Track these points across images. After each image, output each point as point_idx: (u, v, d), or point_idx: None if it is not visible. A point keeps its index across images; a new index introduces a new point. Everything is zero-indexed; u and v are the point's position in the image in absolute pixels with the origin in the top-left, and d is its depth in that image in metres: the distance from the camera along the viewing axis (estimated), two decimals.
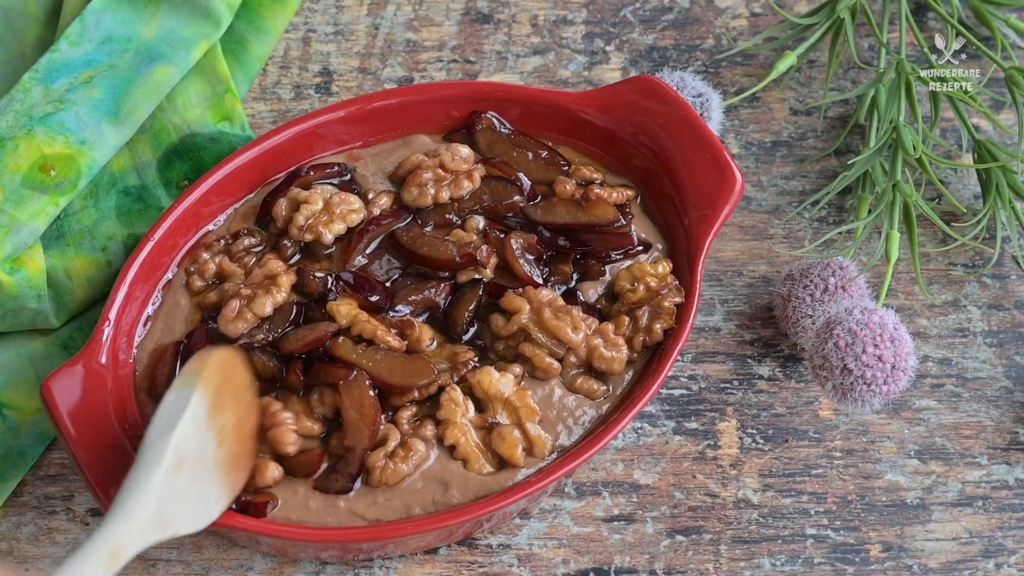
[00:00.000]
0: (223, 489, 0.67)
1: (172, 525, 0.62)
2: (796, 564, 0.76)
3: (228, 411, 0.67)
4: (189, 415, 0.63)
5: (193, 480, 0.63)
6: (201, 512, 0.65)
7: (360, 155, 0.83)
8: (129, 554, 0.59)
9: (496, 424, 0.72)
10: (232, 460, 0.67)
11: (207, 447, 0.65)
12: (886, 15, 0.90)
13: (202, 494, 0.64)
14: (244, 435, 0.69)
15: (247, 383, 0.70)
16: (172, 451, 0.62)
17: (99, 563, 0.57)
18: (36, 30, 0.90)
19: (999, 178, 0.83)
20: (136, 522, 0.60)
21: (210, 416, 0.65)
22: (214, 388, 0.66)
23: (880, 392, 0.74)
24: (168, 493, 0.62)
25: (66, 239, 0.82)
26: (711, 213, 0.77)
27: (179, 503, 0.63)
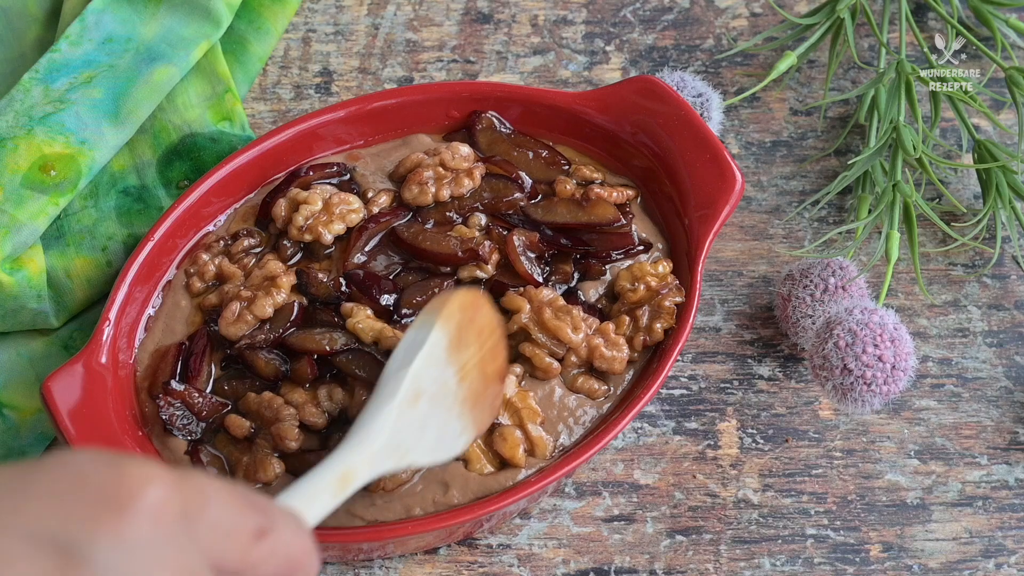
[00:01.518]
0: (465, 425, 0.67)
1: (408, 455, 0.63)
2: (796, 564, 0.76)
3: (471, 349, 0.67)
4: (426, 351, 0.64)
5: (432, 413, 0.64)
6: (441, 445, 0.65)
7: (360, 155, 0.83)
8: (360, 479, 0.60)
9: (497, 425, 0.72)
10: (475, 397, 0.67)
11: (447, 383, 0.65)
12: (886, 15, 0.90)
13: (442, 428, 0.65)
14: (489, 374, 0.68)
15: (492, 323, 0.69)
16: (408, 385, 0.62)
17: (330, 486, 0.58)
18: (36, 30, 0.90)
19: (999, 178, 0.83)
20: (369, 450, 0.60)
21: (450, 353, 0.65)
22: (455, 326, 0.66)
23: (880, 392, 0.74)
24: (403, 425, 0.62)
25: (66, 239, 0.82)
26: (711, 213, 0.77)
27: (416, 435, 0.63)
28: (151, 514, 0.42)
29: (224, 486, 0.46)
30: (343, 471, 0.59)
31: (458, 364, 0.66)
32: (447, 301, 0.66)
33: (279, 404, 0.72)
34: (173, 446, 0.73)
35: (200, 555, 0.44)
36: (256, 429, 0.73)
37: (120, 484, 0.42)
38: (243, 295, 0.76)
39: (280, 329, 0.75)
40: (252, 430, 0.72)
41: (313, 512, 0.56)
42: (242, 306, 0.75)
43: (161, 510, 0.42)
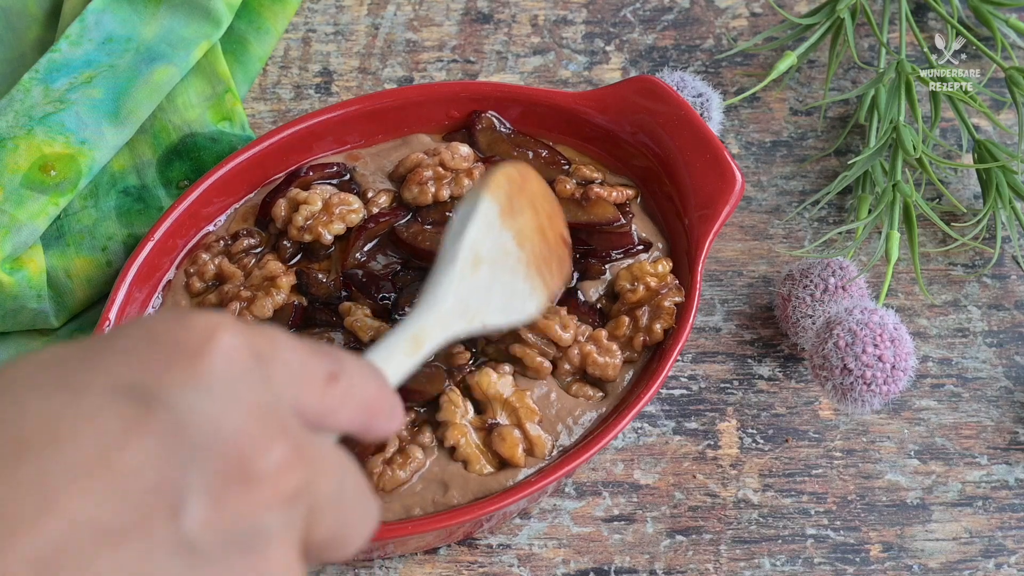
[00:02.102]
0: (534, 286, 0.68)
1: (478, 316, 0.64)
2: (796, 564, 0.76)
3: (526, 214, 0.68)
4: (478, 219, 0.65)
5: (496, 277, 0.65)
6: (512, 307, 0.67)
7: (360, 155, 0.83)
8: (433, 340, 0.61)
9: (496, 425, 0.72)
10: (540, 259, 0.68)
11: (507, 247, 0.66)
12: (886, 15, 0.90)
13: (509, 290, 0.66)
14: (551, 237, 0.70)
15: (544, 191, 0.71)
16: (465, 252, 0.64)
17: (403, 345, 0.59)
18: (36, 30, 0.90)
19: (999, 178, 0.83)
20: (436, 312, 0.62)
21: (504, 219, 0.66)
22: (504, 194, 0.67)
23: (880, 392, 0.74)
24: (468, 288, 0.63)
25: (66, 239, 0.82)
26: (711, 213, 0.77)
27: (483, 297, 0.64)
28: (224, 357, 0.42)
29: (291, 335, 0.47)
30: (414, 332, 0.60)
31: (515, 229, 0.67)
32: (494, 173, 0.67)
33: None
34: None
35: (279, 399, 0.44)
36: None
37: (191, 333, 0.43)
38: (243, 295, 0.76)
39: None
40: None
41: (389, 370, 0.57)
42: (241, 306, 0.75)
43: (233, 353, 0.43)
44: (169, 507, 0.40)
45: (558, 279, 0.71)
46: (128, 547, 0.39)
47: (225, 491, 0.41)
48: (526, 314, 0.68)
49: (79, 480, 0.38)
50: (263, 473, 0.41)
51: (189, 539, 0.40)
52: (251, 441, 0.42)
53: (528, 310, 0.68)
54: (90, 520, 0.38)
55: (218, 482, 0.40)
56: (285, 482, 0.42)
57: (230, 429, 0.41)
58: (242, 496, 0.41)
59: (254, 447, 0.42)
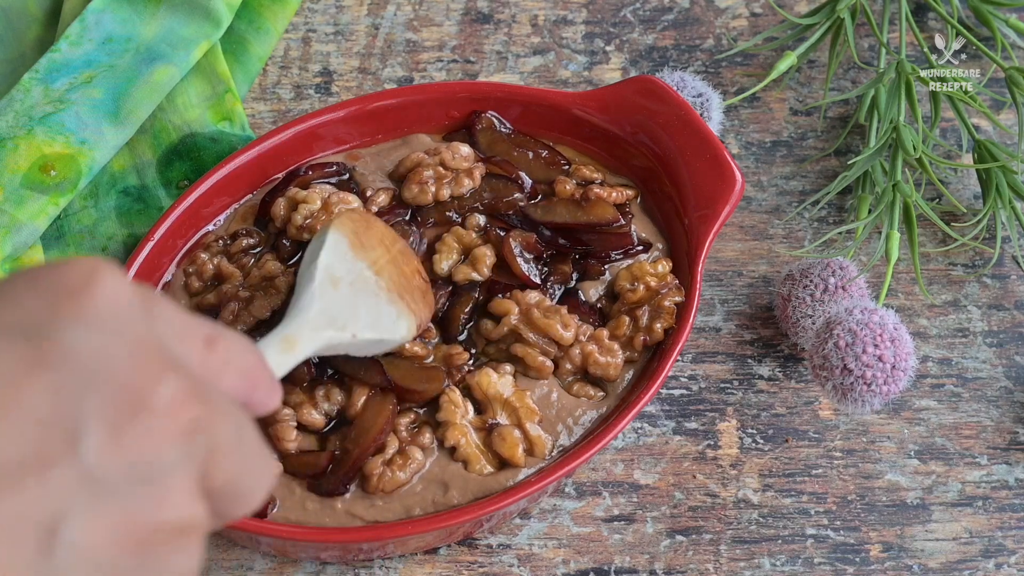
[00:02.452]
0: (400, 310, 0.70)
1: (348, 328, 0.67)
2: (796, 564, 0.76)
3: (377, 250, 0.71)
4: (329, 248, 0.69)
5: (359, 298, 0.68)
6: (380, 324, 0.69)
7: (360, 154, 0.83)
8: (306, 344, 0.64)
9: (496, 425, 0.72)
10: (401, 289, 0.71)
11: (364, 274, 0.70)
12: (886, 15, 0.90)
13: (375, 310, 0.69)
14: (406, 272, 0.72)
15: (390, 233, 0.74)
16: (321, 272, 0.67)
17: (277, 345, 0.63)
18: (36, 30, 0.90)
19: (999, 178, 0.83)
20: (303, 318, 0.65)
21: (354, 251, 0.70)
22: (350, 230, 0.70)
23: (880, 392, 0.74)
24: (331, 302, 0.67)
25: (66, 239, 0.82)
26: (711, 213, 0.77)
27: (349, 311, 0.67)
28: (109, 295, 0.43)
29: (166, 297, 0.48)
30: (285, 336, 0.64)
31: (368, 260, 0.70)
32: (337, 216, 0.72)
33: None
34: None
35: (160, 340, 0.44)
36: None
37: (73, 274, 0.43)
38: (241, 295, 0.76)
39: None
40: None
41: None
42: (239, 306, 0.75)
43: (117, 292, 0.43)
44: (67, 439, 0.40)
45: (424, 308, 0.72)
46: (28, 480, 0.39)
47: (121, 421, 0.41)
48: (397, 334, 0.69)
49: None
50: (157, 404, 0.42)
51: (89, 470, 0.40)
52: (144, 372, 0.42)
53: (399, 330, 0.70)
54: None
55: (114, 413, 0.41)
56: (180, 414, 0.42)
57: (122, 360, 0.42)
58: (138, 426, 0.41)
59: (147, 378, 0.42)
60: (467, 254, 0.78)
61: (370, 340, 0.68)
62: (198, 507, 0.43)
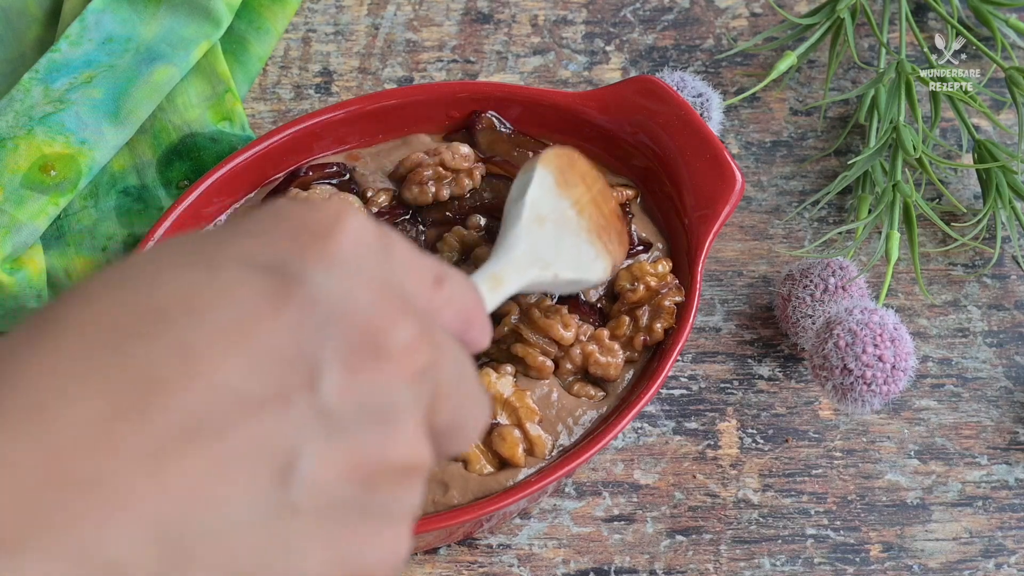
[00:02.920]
0: (598, 251, 0.72)
1: (551, 266, 0.68)
2: (796, 564, 0.76)
3: (579, 187, 0.72)
4: (536, 183, 0.69)
5: (561, 235, 0.69)
6: (581, 264, 0.70)
7: (360, 155, 0.83)
8: (512, 281, 0.65)
9: (496, 425, 0.72)
10: (600, 228, 0.72)
11: (566, 212, 0.70)
12: (886, 15, 0.90)
13: (575, 249, 0.70)
14: (607, 212, 0.73)
15: (592, 170, 0.74)
16: (528, 208, 0.68)
17: (487, 282, 0.64)
18: (36, 30, 0.90)
19: (999, 178, 0.83)
20: (510, 257, 0.66)
21: (559, 188, 0.70)
22: (556, 167, 0.71)
23: (880, 392, 0.74)
24: (536, 240, 0.68)
25: (66, 239, 0.82)
26: (711, 213, 0.77)
27: (552, 250, 0.69)
28: (352, 238, 0.44)
29: None
30: (494, 272, 0.65)
31: (571, 198, 0.71)
32: (545, 152, 0.72)
33: None
34: None
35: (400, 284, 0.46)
36: None
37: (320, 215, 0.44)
38: None
39: None
40: None
41: None
42: None
43: (361, 235, 0.45)
44: (307, 377, 0.41)
45: (619, 249, 0.74)
46: (267, 415, 0.40)
47: (359, 363, 0.42)
48: (596, 274, 0.71)
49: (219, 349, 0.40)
50: (393, 348, 0.43)
51: (326, 408, 0.41)
52: (382, 317, 0.43)
53: (596, 271, 0.71)
54: (231, 388, 0.39)
55: (352, 354, 0.42)
56: (414, 358, 0.43)
57: (362, 305, 0.43)
58: (375, 368, 0.42)
59: (384, 323, 0.43)
60: (468, 254, 0.78)
61: (570, 280, 0.69)
62: (424, 446, 0.44)
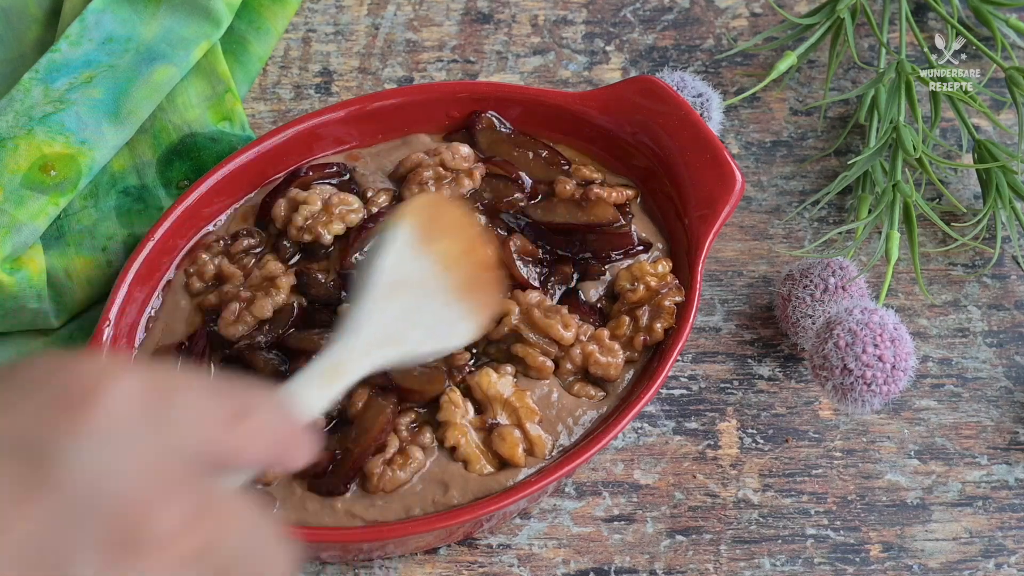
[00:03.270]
0: (464, 310, 0.67)
1: (404, 343, 0.63)
2: (796, 564, 0.76)
3: (446, 240, 0.68)
4: (394, 245, 0.65)
5: (419, 302, 0.65)
6: (439, 332, 0.66)
7: (360, 155, 0.83)
8: (353, 370, 0.60)
9: (496, 425, 0.72)
10: (469, 283, 0.68)
11: (428, 271, 0.66)
12: (886, 15, 0.90)
13: (434, 316, 0.66)
14: (478, 261, 0.69)
15: (464, 218, 0.70)
16: (382, 278, 0.64)
17: (319, 377, 0.58)
18: (36, 30, 0.90)
19: (999, 178, 0.83)
20: (354, 342, 0.61)
21: (423, 244, 0.66)
22: (420, 221, 0.67)
23: (880, 392, 0.74)
24: (388, 315, 0.63)
25: (66, 239, 0.82)
26: (711, 213, 0.77)
27: (406, 323, 0.64)
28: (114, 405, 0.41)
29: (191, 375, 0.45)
30: (331, 364, 0.59)
31: (437, 253, 0.66)
32: (409, 201, 0.68)
33: None
34: None
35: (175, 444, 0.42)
36: None
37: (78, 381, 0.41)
38: (242, 296, 0.76)
39: (279, 330, 0.75)
40: None
41: (303, 401, 0.56)
42: (241, 307, 0.75)
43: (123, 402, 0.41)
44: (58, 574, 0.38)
45: (494, 299, 0.70)
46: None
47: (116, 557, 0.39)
48: (457, 339, 0.67)
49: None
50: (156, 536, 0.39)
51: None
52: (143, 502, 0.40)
53: (459, 335, 0.67)
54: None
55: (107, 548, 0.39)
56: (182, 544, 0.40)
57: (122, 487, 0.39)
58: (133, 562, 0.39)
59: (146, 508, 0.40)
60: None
61: (428, 352, 0.65)
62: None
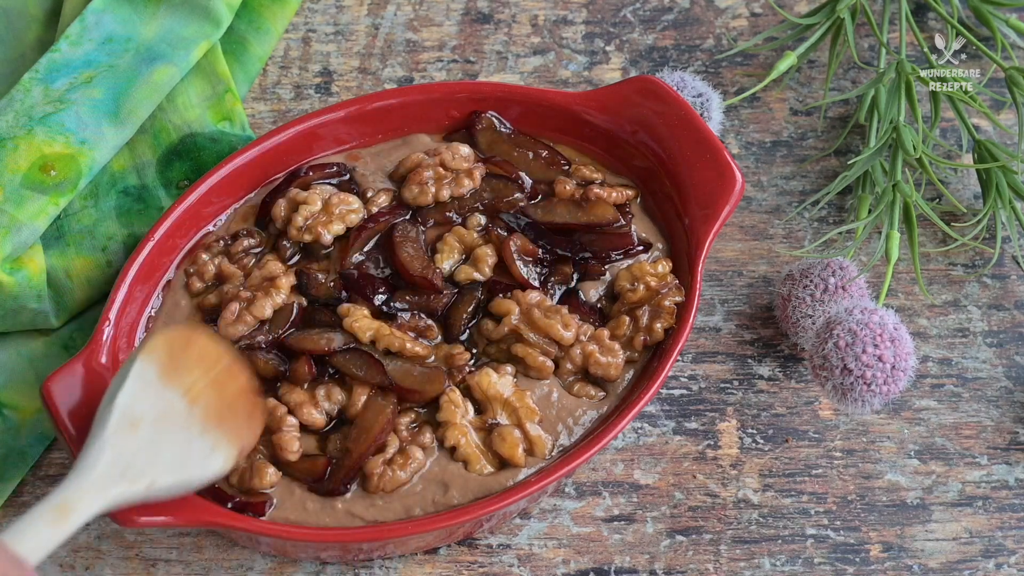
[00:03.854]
0: (216, 440, 0.66)
1: (144, 477, 0.62)
2: (796, 564, 0.76)
3: (194, 373, 0.67)
4: (131, 381, 0.64)
5: (163, 436, 0.64)
6: (188, 463, 0.65)
7: (360, 155, 0.83)
8: (87, 506, 0.59)
9: (496, 425, 0.72)
10: (220, 414, 0.67)
11: (173, 405, 0.65)
12: (886, 15, 0.90)
13: (184, 447, 0.65)
14: (229, 393, 0.68)
15: (215, 350, 0.69)
16: (117, 414, 0.63)
17: (46, 517, 0.57)
18: (36, 30, 0.90)
19: (999, 178, 0.83)
20: (87, 478, 0.60)
21: (165, 379, 0.66)
22: (163, 354, 0.66)
23: (880, 392, 0.74)
24: (125, 451, 0.62)
25: (66, 239, 0.82)
26: (711, 213, 0.77)
27: (147, 457, 0.63)
28: None
29: None
30: (60, 502, 0.58)
31: (182, 387, 0.66)
32: (150, 337, 0.67)
33: (282, 413, 0.72)
34: None
35: None
36: None
37: None
38: (242, 295, 0.76)
39: (279, 330, 0.75)
40: None
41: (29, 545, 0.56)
42: (241, 306, 0.75)
43: None
44: None
45: (249, 432, 0.69)
46: None
47: None
48: (210, 470, 0.66)
49: None
50: None
51: None
52: None
53: (212, 466, 0.66)
54: None
55: None
56: None
57: None
58: None
59: None
60: (469, 254, 0.78)
61: (172, 484, 0.64)
62: None
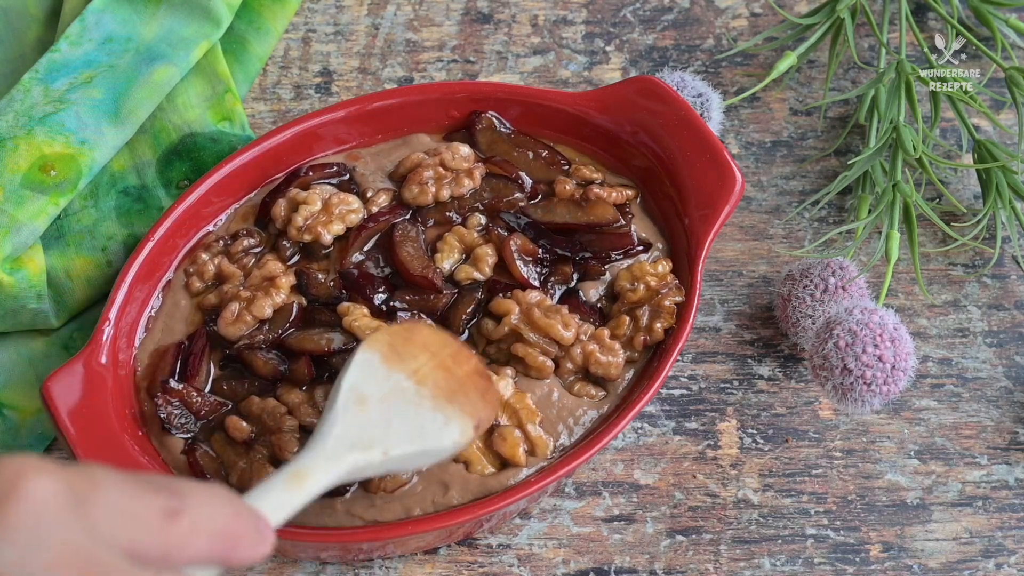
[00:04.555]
0: (449, 415, 0.67)
1: (378, 445, 0.64)
2: (796, 564, 0.76)
3: (419, 358, 0.68)
4: (355, 368, 0.66)
5: (392, 410, 0.65)
6: (421, 434, 0.66)
7: (360, 155, 0.83)
8: (322, 476, 0.61)
9: (497, 425, 0.72)
10: (449, 393, 0.68)
11: (400, 385, 0.67)
12: (886, 15, 0.90)
13: (413, 420, 0.66)
14: (462, 374, 0.69)
15: (440, 338, 0.70)
16: (344, 394, 0.65)
17: (283, 482, 0.59)
18: (36, 30, 0.90)
19: (999, 178, 0.83)
20: (320, 448, 0.62)
21: (388, 364, 0.67)
22: (385, 344, 0.68)
23: (880, 392, 0.74)
24: (355, 422, 0.64)
25: (66, 239, 0.82)
26: (711, 213, 0.77)
27: (378, 428, 0.64)
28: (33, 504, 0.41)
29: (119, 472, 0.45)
30: (295, 470, 0.60)
31: (407, 370, 0.67)
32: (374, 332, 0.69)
33: (282, 413, 0.72)
34: (171, 445, 0.73)
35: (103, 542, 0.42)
36: (256, 434, 0.73)
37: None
38: (242, 295, 0.76)
39: (279, 330, 0.75)
40: (252, 435, 0.72)
41: (267, 507, 0.57)
42: (241, 306, 0.75)
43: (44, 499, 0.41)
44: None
45: (485, 407, 0.69)
46: None
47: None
48: (447, 439, 0.66)
49: None
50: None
51: None
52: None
53: (448, 436, 0.66)
54: None
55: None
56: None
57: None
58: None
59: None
60: (469, 254, 0.78)
61: (409, 453, 0.65)
62: None
